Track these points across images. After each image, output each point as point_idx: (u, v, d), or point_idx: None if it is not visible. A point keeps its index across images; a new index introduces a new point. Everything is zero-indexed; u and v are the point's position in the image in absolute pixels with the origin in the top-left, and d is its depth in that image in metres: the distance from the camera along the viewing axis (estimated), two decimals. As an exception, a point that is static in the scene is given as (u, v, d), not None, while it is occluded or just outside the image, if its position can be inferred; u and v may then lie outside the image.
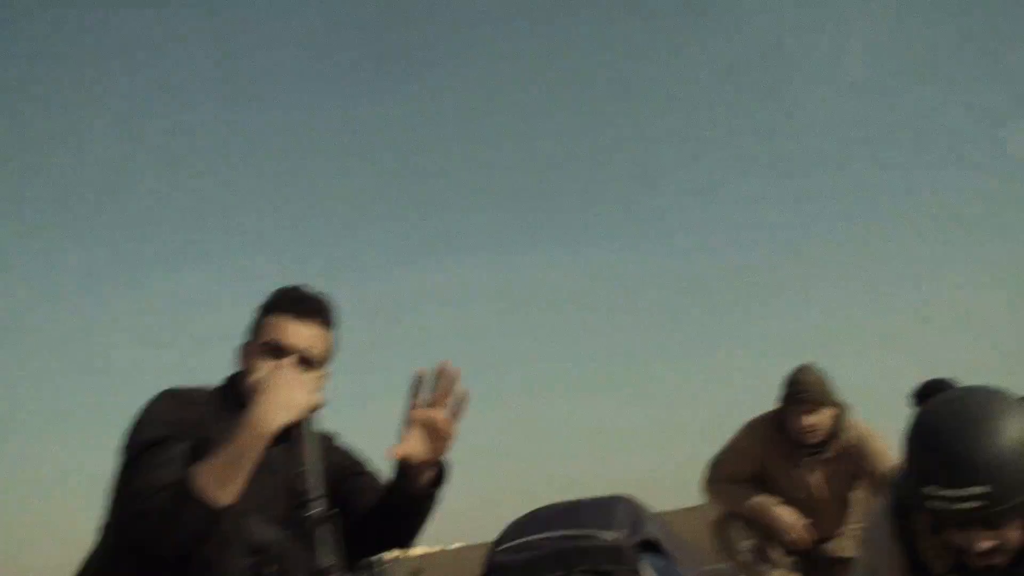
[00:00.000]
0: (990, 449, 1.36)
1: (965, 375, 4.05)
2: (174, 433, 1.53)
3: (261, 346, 1.66)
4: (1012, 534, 1.39)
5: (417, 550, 14.63)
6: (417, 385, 1.60)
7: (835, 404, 3.38)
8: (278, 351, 1.65)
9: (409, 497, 1.65)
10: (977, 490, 1.34)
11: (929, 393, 4.04)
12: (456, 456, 1.66)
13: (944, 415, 1.44)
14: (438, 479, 1.68)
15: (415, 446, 1.60)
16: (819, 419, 3.33)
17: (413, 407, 1.60)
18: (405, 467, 1.63)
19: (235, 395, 1.64)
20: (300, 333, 1.67)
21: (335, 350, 1.75)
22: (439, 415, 1.59)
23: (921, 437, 1.47)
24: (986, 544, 1.39)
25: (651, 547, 3.98)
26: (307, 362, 1.66)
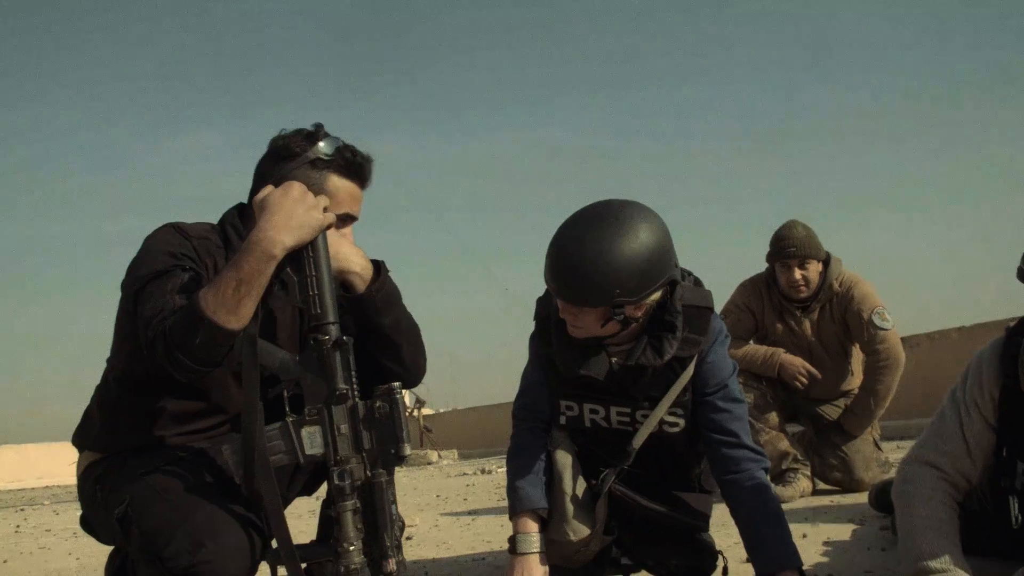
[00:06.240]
0: None
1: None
2: (179, 263, 1.50)
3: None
4: None
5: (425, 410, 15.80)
6: None
7: (822, 257, 3.43)
8: (346, 220, 1.61)
9: (359, 303, 1.57)
10: None
11: None
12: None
13: None
14: (376, 276, 1.59)
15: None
16: (808, 273, 3.39)
17: None
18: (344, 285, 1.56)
19: (238, 230, 1.60)
20: (358, 199, 1.62)
21: None
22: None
23: None
24: None
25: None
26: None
